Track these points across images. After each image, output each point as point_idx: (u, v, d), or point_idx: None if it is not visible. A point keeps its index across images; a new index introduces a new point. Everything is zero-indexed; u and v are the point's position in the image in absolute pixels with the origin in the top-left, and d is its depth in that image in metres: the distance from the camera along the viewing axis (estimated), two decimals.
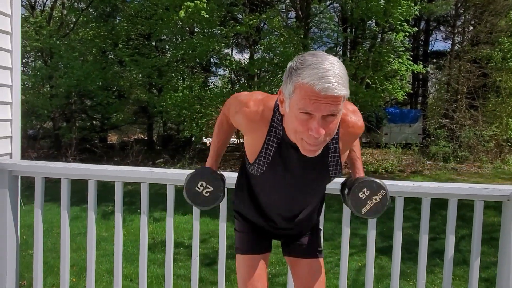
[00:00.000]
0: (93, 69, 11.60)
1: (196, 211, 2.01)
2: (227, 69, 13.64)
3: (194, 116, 11.69)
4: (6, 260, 1.98)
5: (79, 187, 1.95)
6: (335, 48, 15.04)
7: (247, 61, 12.01)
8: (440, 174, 11.44)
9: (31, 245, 2.03)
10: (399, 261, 2.05)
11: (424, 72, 12.95)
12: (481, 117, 13.18)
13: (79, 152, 13.76)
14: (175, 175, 1.95)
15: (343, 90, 0.94)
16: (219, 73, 16.37)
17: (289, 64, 1.03)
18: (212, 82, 15.52)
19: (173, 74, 12.69)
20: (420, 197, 2.00)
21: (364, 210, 1.27)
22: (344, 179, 1.44)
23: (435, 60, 18.86)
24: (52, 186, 1.89)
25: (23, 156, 11.75)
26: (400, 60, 10.95)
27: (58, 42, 11.77)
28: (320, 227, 1.49)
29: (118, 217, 2.02)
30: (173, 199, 2.01)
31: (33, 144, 14.17)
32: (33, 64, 14.31)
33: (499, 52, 12.82)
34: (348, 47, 14.67)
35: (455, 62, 14.22)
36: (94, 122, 15.53)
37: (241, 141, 15.55)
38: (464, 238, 4.95)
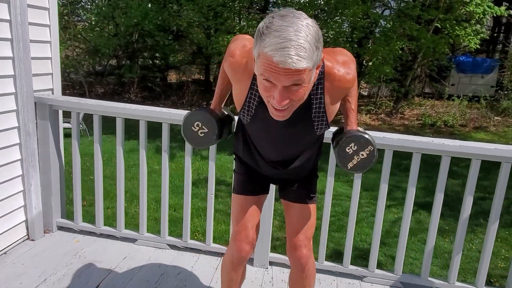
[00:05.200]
0: (151, 8, 11.76)
1: (211, 151, 2.11)
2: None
3: None
4: (51, 182, 2.28)
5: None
6: None
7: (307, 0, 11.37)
8: (508, 132, 10.48)
9: (93, 172, 2.30)
10: (439, 217, 2.03)
11: (508, 15, 11.37)
12: None
13: (141, 90, 14.53)
14: None
15: (303, 63, 0.87)
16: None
17: (260, 24, 0.97)
18: None
19: (228, 14, 12.46)
20: (441, 155, 1.91)
21: (350, 165, 1.24)
22: (336, 128, 1.41)
23: None
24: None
25: (91, 92, 12.64)
26: (478, 1, 9.66)
27: None
28: (317, 174, 1.50)
29: (142, 153, 2.19)
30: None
31: (100, 80, 15.18)
32: (96, 1, 14.84)
33: None
34: None
35: None
36: (155, 61, 16.07)
37: None
38: None
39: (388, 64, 9.64)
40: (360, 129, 1.29)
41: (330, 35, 10.33)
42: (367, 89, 14.69)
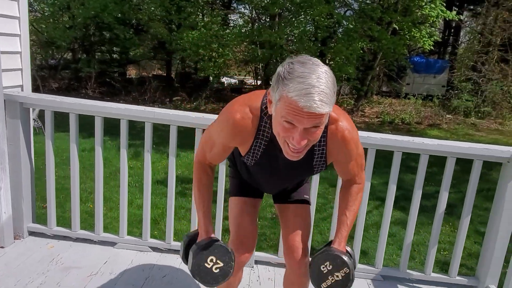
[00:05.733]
0: (110, 0, 11.30)
1: (173, 150, 2.08)
2: (248, 7, 13.08)
3: (212, 56, 11.49)
4: (21, 185, 2.14)
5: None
6: None
7: None
8: (458, 129, 11.20)
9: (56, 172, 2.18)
10: (390, 211, 2.13)
11: (457, 19, 12.11)
12: (511, 72, 12.51)
13: (99, 85, 13.93)
14: (177, 116, 1.99)
15: (326, 108, 0.94)
16: (240, 10, 15.75)
17: (279, 69, 1.01)
18: (233, 20, 14.97)
19: (192, 10, 12.27)
20: (419, 153, 2.01)
21: (323, 285, 1.16)
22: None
23: (471, 7, 17.49)
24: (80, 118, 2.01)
25: (44, 86, 11.91)
26: (433, 5, 10.22)
27: None
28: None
29: (123, 152, 2.11)
30: (176, 138, 2.08)
31: (54, 74, 14.37)
32: None
33: None
34: None
35: (493, 10, 13.21)
36: (113, 55, 15.47)
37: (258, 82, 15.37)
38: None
39: (351, 64, 9.97)
40: (348, 249, 1.25)
41: (295, 34, 10.49)
42: None
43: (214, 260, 1.20)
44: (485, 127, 11.60)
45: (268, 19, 12.34)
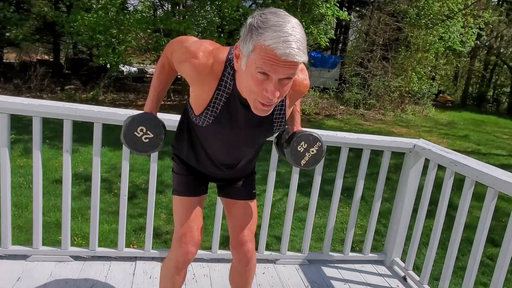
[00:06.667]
0: None
1: (125, 151, 1.95)
2: None
3: (111, 42, 10.67)
4: None
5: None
6: None
7: None
8: (350, 119, 12.44)
9: None
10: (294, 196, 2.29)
11: (348, 19, 13.35)
12: (391, 69, 14.31)
13: None
14: (103, 114, 1.84)
15: (303, 56, 0.94)
16: None
17: (249, 20, 0.99)
18: (132, 4, 14.06)
19: None
20: (340, 146, 2.21)
21: (303, 162, 1.33)
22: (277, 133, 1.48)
23: (358, 9, 19.44)
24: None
25: None
26: (328, 5, 11.08)
27: None
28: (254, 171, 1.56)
29: (37, 154, 1.87)
30: (100, 137, 1.92)
31: None
32: None
33: (414, 9, 13.69)
34: None
35: (376, 13, 14.87)
36: None
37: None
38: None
39: None
40: (305, 129, 1.41)
41: (202, 24, 10.35)
42: None
43: (144, 130, 1.27)
44: (371, 117, 13.11)
45: (170, 7, 11.92)
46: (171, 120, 1.74)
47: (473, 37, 15.10)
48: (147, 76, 18.74)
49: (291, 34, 0.93)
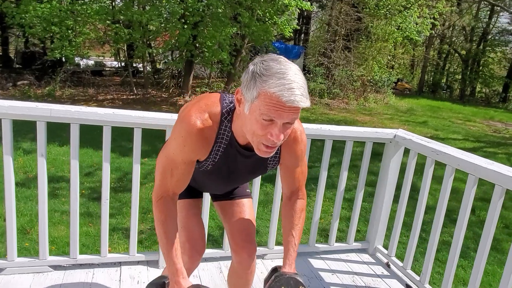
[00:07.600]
0: None
1: (106, 152, 1.85)
2: None
3: (67, 34, 10.09)
4: None
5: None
6: None
7: None
8: (315, 108, 12.64)
9: None
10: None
11: (311, 10, 13.46)
12: (353, 59, 14.65)
13: None
14: (81, 114, 1.73)
15: (306, 101, 0.97)
16: None
17: (251, 67, 1.01)
18: None
19: None
20: (324, 139, 2.22)
21: None
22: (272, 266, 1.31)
23: None
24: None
25: None
26: None
27: None
28: None
29: (8, 159, 1.73)
30: (78, 139, 1.81)
31: None
32: None
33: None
34: None
35: (337, 3, 15.10)
36: None
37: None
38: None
39: (224, 50, 10.13)
40: (288, 272, 1.23)
41: (163, 15, 10.03)
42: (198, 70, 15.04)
43: None
44: (336, 106, 13.39)
45: None
46: (154, 118, 1.67)
47: (428, 27, 15.75)
48: (106, 69, 18.01)
49: (294, 81, 0.96)
